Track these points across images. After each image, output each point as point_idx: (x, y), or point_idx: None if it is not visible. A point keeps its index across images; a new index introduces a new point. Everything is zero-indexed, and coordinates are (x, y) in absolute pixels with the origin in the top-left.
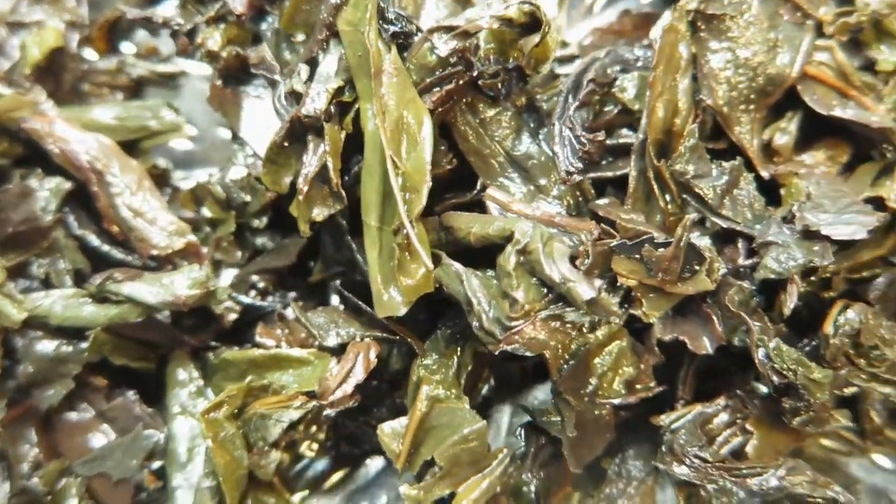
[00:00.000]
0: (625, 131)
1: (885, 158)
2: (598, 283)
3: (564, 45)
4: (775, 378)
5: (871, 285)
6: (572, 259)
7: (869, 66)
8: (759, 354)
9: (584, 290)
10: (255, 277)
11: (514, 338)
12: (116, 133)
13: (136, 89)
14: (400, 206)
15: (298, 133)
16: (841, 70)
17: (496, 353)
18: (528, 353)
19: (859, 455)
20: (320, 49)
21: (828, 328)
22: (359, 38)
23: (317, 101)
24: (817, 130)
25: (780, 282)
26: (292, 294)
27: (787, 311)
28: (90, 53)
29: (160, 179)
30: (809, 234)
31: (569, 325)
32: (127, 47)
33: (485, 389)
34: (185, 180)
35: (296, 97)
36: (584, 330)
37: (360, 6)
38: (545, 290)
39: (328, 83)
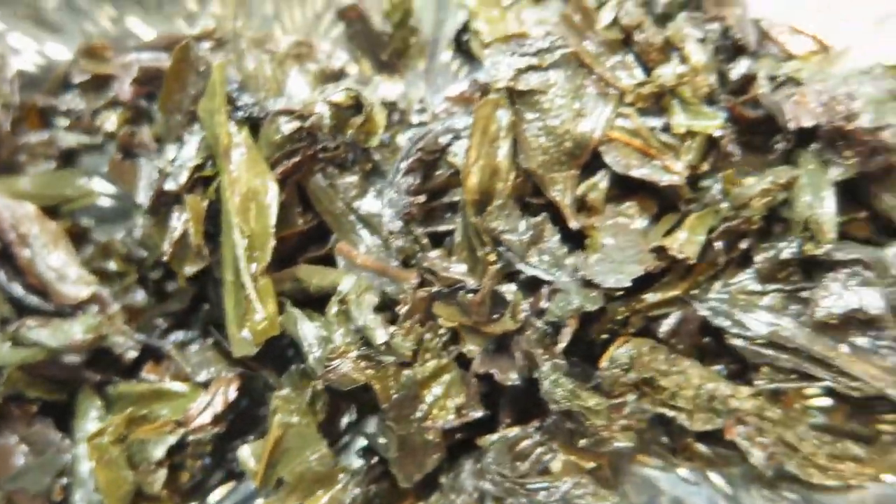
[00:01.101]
0: (459, 190)
1: (680, 211)
2: (390, 329)
3: (422, 111)
4: (553, 406)
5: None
6: (381, 308)
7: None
8: (545, 385)
9: (379, 334)
10: (159, 319)
11: (329, 375)
12: (40, 199)
13: (68, 157)
14: (241, 266)
15: (170, 203)
16: (640, 133)
17: (319, 387)
18: (342, 388)
19: (670, 469)
20: (185, 131)
21: (603, 363)
22: (212, 122)
23: (178, 177)
24: (631, 186)
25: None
26: (173, 337)
27: (558, 350)
28: (24, 130)
29: (81, 236)
30: (587, 283)
31: (380, 364)
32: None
33: (346, 418)
34: (109, 235)
35: (164, 174)
36: (415, 365)
37: (213, 96)
38: (360, 335)
39: (189, 161)
